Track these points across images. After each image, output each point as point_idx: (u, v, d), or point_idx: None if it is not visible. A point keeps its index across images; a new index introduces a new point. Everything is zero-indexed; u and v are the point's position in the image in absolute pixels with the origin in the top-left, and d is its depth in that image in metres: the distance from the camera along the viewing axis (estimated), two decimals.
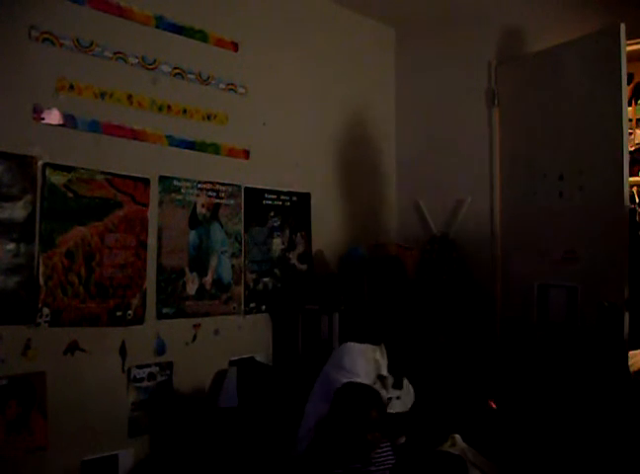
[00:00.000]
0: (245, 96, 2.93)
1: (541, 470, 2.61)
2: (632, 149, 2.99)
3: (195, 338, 2.69)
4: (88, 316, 2.36)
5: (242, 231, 2.90)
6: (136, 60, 2.53)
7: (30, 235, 2.21)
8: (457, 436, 2.28)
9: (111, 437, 2.40)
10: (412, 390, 2.31)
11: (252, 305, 2.92)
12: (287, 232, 3.11)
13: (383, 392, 2.14)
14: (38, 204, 2.23)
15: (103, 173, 2.42)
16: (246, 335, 2.85)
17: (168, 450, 2.54)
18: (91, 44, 2.39)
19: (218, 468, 2.35)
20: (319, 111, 3.31)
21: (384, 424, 1.79)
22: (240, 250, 2.88)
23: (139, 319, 2.51)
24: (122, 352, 2.45)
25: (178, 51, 2.67)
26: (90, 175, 2.38)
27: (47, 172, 2.26)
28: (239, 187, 2.90)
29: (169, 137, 2.63)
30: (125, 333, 2.46)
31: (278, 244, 3.06)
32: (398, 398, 2.17)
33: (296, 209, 3.16)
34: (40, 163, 2.24)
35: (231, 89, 2.87)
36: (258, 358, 2.39)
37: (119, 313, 2.45)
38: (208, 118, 2.78)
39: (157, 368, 2.55)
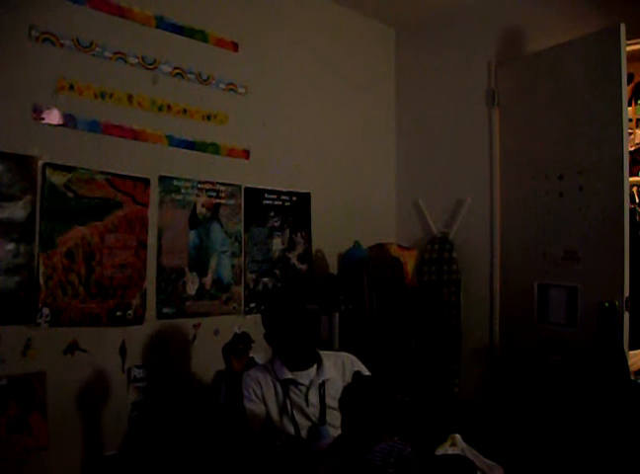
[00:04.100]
0: (245, 96, 2.93)
1: (542, 470, 2.61)
2: (632, 149, 3.00)
3: (195, 338, 2.69)
4: (88, 316, 2.36)
5: (242, 231, 2.90)
6: (136, 60, 2.53)
7: (30, 235, 2.21)
8: (457, 436, 2.28)
9: (111, 437, 2.41)
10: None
11: (252, 305, 2.92)
12: (287, 232, 3.11)
13: None
14: (38, 204, 2.23)
15: (103, 173, 2.42)
16: None
17: (168, 451, 2.54)
18: (91, 44, 2.39)
19: (219, 467, 2.35)
20: (319, 110, 3.31)
21: (392, 419, 1.77)
22: (240, 250, 2.88)
23: (139, 319, 2.51)
24: (122, 352, 2.46)
25: (178, 51, 2.67)
26: (90, 175, 2.38)
27: (47, 172, 2.26)
28: (239, 187, 2.90)
29: (169, 137, 2.63)
30: (125, 333, 2.46)
31: (278, 244, 3.06)
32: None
33: (296, 209, 3.16)
34: (40, 163, 2.24)
35: (231, 89, 2.87)
36: (257, 359, 2.39)
37: (119, 313, 2.45)
38: (208, 118, 2.78)
39: (157, 368, 2.55)
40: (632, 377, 2.50)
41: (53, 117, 2.28)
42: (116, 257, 2.44)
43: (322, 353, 2.22)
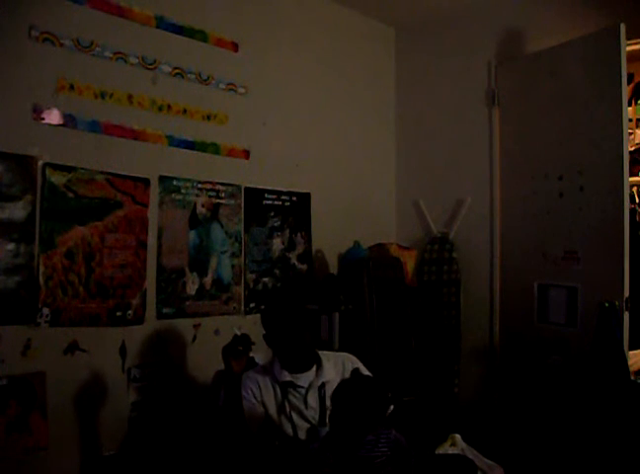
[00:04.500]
0: (245, 96, 2.93)
1: (542, 469, 2.61)
2: (632, 149, 3.00)
3: (195, 338, 2.69)
4: (88, 316, 2.36)
5: (242, 231, 2.90)
6: (136, 60, 2.53)
7: (30, 235, 2.21)
8: (457, 436, 2.28)
9: (111, 437, 2.41)
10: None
11: (252, 305, 2.92)
12: (287, 232, 3.11)
13: None
14: (38, 204, 2.23)
15: (103, 173, 2.42)
16: None
17: (168, 451, 2.54)
18: (91, 44, 2.39)
19: (218, 467, 2.35)
20: (319, 110, 3.31)
21: (381, 419, 1.78)
22: (240, 250, 2.88)
23: (139, 319, 2.51)
24: (122, 352, 2.46)
25: (178, 51, 2.67)
26: (90, 175, 2.38)
27: (47, 172, 2.26)
28: (239, 187, 2.90)
29: (169, 137, 2.63)
30: (125, 333, 2.46)
31: (278, 244, 3.06)
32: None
33: (296, 209, 3.16)
34: (40, 163, 2.24)
35: (231, 89, 2.87)
36: (257, 359, 2.39)
37: (119, 313, 2.45)
38: (208, 118, 2.78)
39: (157, 368, 2.55)
40: (632, 377, 2.50)
41: (53, 117, 2.28)
42: (116, 257, 2.44)
43: (322, 353, 2.22)
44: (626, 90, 2.68)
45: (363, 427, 1.72)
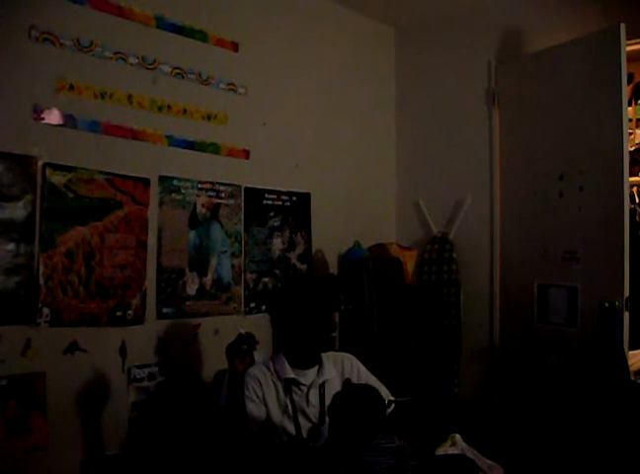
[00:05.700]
0: (245, 96, 2.93)
1: (542, 469, 2.61)
2: (632, 149, 3.00)
3: (195, 338, 2.69)
4: (88, 316, 2.36)
5: (242, 231, 2.90)
6: (136, 60, 2.53)
7: (30, 235, 2.21)
8: (457, 436, 2.28)
9: (110, 437, 2.41)
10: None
11: (252, 305, 2.92)
12: (287, 232, 3.11)
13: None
14: (38, 204, 2.23)
15: (103, 173, 2.42)
16: None
17: (168, 451, 2.54)
18: (91, 44, 2.39)
19: (219, 467, 2.35)
20: (319, 110, 3.31)
21: (379, 429, 1.79)
22: (240, 250, 2.88)
23: (139, 319, 2.51)
24: (122, 352, 2.45)
25: (178, 51, 2.67)
26: (90, 175, 2.38)
27: (47, 172, 2.26)
28: (239, 187, 2.90)
29: (169, 137, 2.63)
30: (125, 333, 2.46)
31: (278, 244, 3.06)
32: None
33: (296, 209, 3.16)
34: (40, 163, 2.24)
35: (231, 89, 2.87)
36: (256, 358, 2.39)
37: (119, 313, 2.45)
38: (208, 118, 2.78)
39: (157, 368, 2.55)
40: (632, 377, 2.50)
41: (53, 117, 2.28)
42: (116, 257, 2.44)
43: (322, 353, 2.22)
44: (626, 90, 2.68)
45: (363, 437, 1.73)
